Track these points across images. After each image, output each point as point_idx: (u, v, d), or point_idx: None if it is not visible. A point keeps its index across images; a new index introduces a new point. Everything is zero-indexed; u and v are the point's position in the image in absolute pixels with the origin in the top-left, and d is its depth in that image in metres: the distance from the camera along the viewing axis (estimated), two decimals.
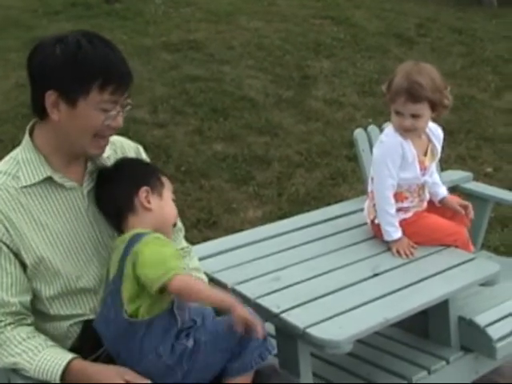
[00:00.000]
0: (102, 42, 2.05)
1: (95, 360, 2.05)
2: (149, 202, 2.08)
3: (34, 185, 2.08)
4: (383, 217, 2.87)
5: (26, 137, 2.13)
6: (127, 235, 2.02)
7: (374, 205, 2.91)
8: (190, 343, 1.98)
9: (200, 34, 7.65)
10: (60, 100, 2.01)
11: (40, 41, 2.08)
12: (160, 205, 2.10)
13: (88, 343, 2.06)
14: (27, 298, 2.04)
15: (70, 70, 1.99)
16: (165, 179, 2.18)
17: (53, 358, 1.98)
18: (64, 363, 1.97)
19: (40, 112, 2.06)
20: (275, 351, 2.15)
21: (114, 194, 2.08)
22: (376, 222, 2.92)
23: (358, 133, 3.36)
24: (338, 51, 7.62)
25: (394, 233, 2.85)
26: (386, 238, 2.87)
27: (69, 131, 2.05)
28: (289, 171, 5.31)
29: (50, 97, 2.00)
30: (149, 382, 1.96)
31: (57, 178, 2.10)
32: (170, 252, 1.99)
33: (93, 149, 2.10)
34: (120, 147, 2.30)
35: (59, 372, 1.96)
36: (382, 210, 2.87)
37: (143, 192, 2.08)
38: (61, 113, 2.02)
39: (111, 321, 1.97)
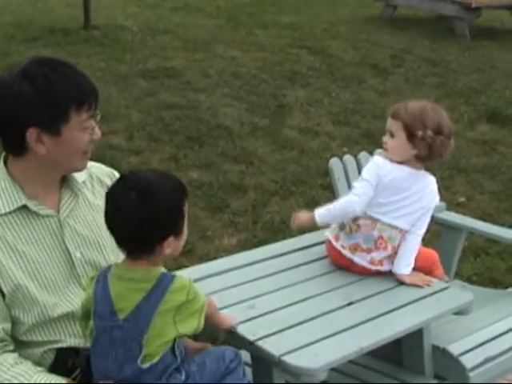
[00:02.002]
0: (63, 66, 2.07)
1: None
2: (168, 248, 2.01)
3: (10, 213, 2.07)
4: (415, 252, 2.86)
5: (1, 165, 2.12)
6: (152, 275, 1.98)
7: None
8: (183, 376, 2.02)
9: (177, 61, 7.68)
10: (42, 134, 2.02)
11: None
12: (175, 245, 2.04)
13: (62, 369, 2.04)
14: (8, 326, 2.03)
15: (46, 105, 2.00)
16: (185, 208, 2.04)
17: (49, 380, 1.96)
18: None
19: (18, 149, 2.06)
20: None
21: (138, 235, 1.96)
22: None
23: (334, 162, 3.38)
24: (314, 81, 7.67)
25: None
26: (408, 269, 2.82)
27: (59, 158, 2.07)
28: (264, 199, 5.31)
29: (32, 134, 2.01)
30: None
31: (32, 205, 2.09)
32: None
33: (80, 164, 2.15)
34: (95, 172, 2.31)
35: None
36: (417, 245, 2.88)
37: (168, 244, 1.99)
38: (46, 145, 2.03)
39: (115, 359, 1.95)
